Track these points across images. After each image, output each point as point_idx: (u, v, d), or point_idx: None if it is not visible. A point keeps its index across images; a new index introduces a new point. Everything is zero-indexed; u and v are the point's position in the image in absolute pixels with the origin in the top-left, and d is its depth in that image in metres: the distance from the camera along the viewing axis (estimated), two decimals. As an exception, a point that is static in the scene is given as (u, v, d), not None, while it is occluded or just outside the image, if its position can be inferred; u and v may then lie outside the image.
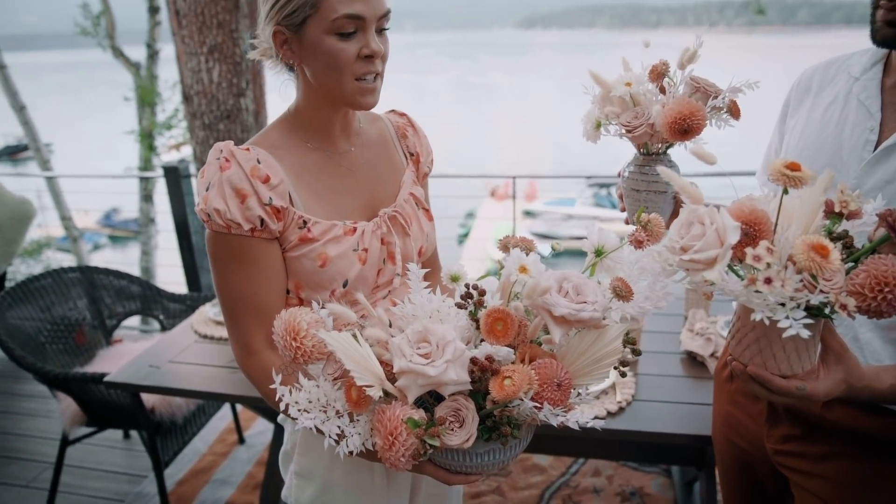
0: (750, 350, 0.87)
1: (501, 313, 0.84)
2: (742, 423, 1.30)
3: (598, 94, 1.20)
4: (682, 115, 1.05)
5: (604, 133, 1.20)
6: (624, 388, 1.70)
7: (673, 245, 0.79)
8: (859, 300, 0.72)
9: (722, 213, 0.76)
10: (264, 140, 1.14)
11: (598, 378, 0.89)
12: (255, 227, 1.07)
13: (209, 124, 3.77)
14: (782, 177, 0.77)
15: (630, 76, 1.17)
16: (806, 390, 0.85)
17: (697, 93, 1.14)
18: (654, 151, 1.20)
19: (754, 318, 0.75)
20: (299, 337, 0.87)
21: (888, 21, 0.96)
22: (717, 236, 0.75)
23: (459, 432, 0.82)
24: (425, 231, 1.27)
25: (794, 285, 0.72)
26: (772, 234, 0.77)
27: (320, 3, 1.02)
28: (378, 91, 1.11)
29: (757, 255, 0.73)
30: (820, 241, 0.73)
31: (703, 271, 0.75)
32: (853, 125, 1.08)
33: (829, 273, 0.72)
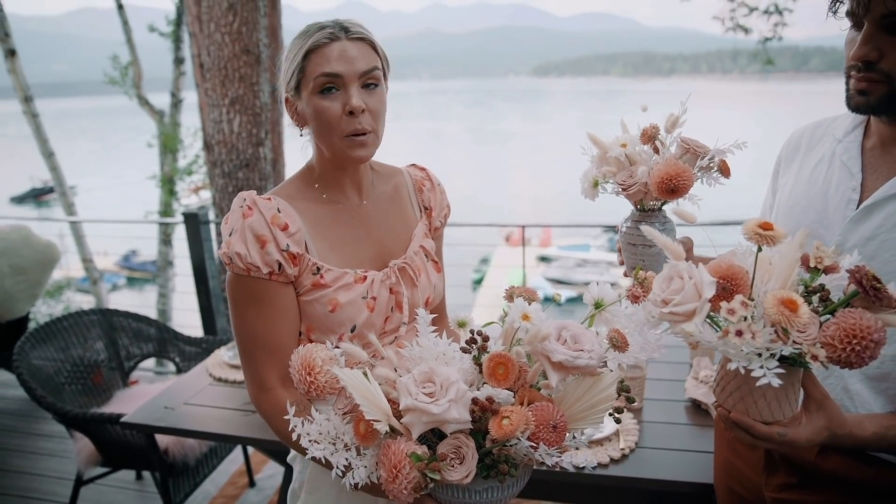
0: (733, 397, 0.91)
1: (503, 358, 0.90)
2: (741, 470, 1.32)
3: (596, 155, 1.27)
4: (668, 176, 1.12)
5: (601, 191, 1.27)
6: (628, 434, 1.72)
7: (655, 298, 0.84)
8: (830, 351, 0.77)
9: (700, 269, 0.81)
10: (284, 191, 1.23)
11: (594, 423, 0.93)
12: (272, 271, 1.15)
13: (229, 172, 3.89)
14: (755, 235, 0.83)
15: (626, 137, 1.24)
16: (787, 436, 0.89)
17: (688, 153, 1.20)
18: (649, 208, 1.26)
19: (730, 367, 0.80)
20: (314, 372, 0.93)
21: (859, 90, 1.03)
22: (695, 290, 0.80)
23: (459, 468, 0.87)
24: (433, 282, 1.34)
25: (766, 337, 0.77)
26: (748, 289, 0.82)
27: (306, 67, 1.14)
28: (370, 144, 1.18)
29: (731, 309, 0.79)
30: (789, 296, 0.78)
31: (682, 323, 0.80)
32: (837, 185, 1.14)
33: (799, 325, 0.76)
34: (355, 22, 1.17)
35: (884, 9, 0.95)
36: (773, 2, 8.91)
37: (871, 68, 1.00)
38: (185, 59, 8.72)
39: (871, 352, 0.76)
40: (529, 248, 22.73)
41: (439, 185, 1.43)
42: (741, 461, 1.32)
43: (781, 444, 0.90)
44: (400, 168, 1.41)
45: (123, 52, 9.28)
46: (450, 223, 1.52)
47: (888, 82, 0.99)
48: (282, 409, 1.15)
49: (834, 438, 0.94)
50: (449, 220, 1.48)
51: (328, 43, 1.13)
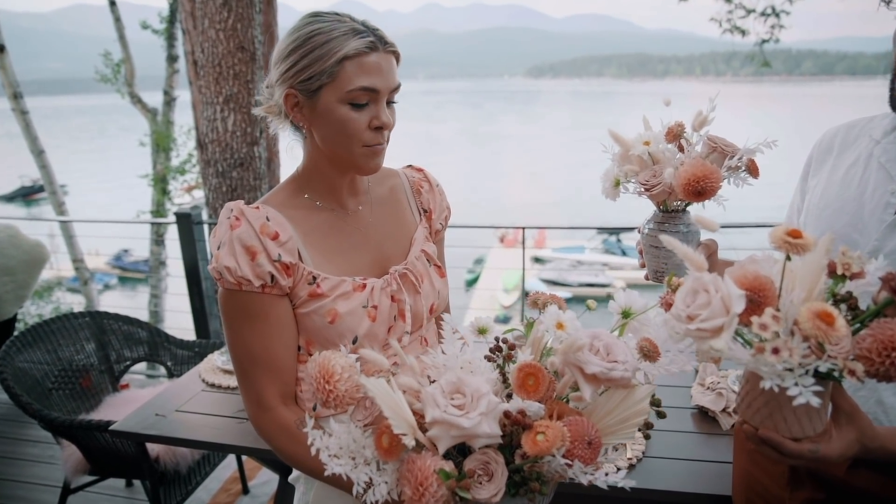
0: (760, 414, 0.86)
1: (534, 368, 0.84)
2: (763, 483, 1.27)
3: (618, 153, 1.21)
4: (696, 178, 1.07)
5: (623, 191, 1.21)
6: (634, 444, 1.67)
7: (679, 313, 0.79)
8: (867, 364, 0.72)
9: (726, 281, 0.76)
10: (274, 199, 1.17)
11: (625, 439, 0.90)
12: (265, 284, 1.09)
13: (222, 172, 3.81)
14: (784, 244, 0.78)
15: (649, 135, 1.18)
16: (819, 452, 0.85)
17: (714, 152, 1.14)
18: (672, 209, 1.20)
19: (763, 385, 0.74)
20: (333, 380, 0.87)
21: None
22: (722, 305, 0.75)
23: (488, 486, 0.81)
24: (436, 288, 1.28)
25: (802, 353, 0.73)
26: (776, 300, 0.77)
27: (338, 73, 1.06)
28: (383, 154, 1.15)
29: (763, 324, 0.73)
30: (825, 309, 0.73)
31: (710, 340, 0.75)
32: (874, 187, 1.09)
33: (835, 339, 0.72)
34: (381, 29, 1.12)
35: None
36: (771, 4, 8.92)
37: None
38: (178, 56, 8.63)
39: None
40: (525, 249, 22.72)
41: (438, 187, 1.37)
42: (763, 474, 1.27)
43: (812, 460, 0.85)
44: (396, 170, 1.35)
45: (116, 49, 9.17)
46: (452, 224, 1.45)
47: None
48: (285, 429, 1.09)
49: (866, 452, 0.90)
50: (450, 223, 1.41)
51: (367, 53, 1.06)
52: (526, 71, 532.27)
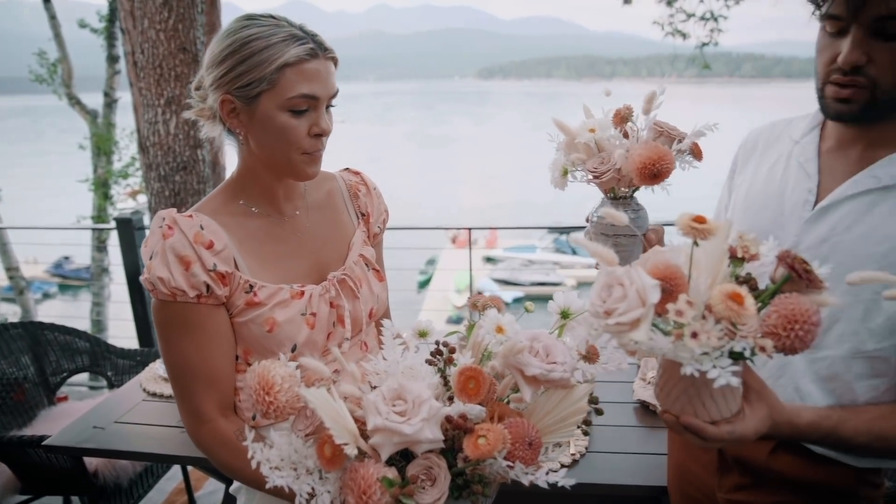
0: (679, 401, 0.88)
1: (474, 372, 0.84)
2: (695, 472, 1.32)
3: (563, 141, 1.21)
4: (651, 160, 1.09)
5: (570, 179, 1.21)
6: (577, 440, 1.70)
7: (596, 310, 0.80)
8: (774, 340, 0.75)
9: (639, 273, 0.77)
10: (208, 206, 1.15)
11: (564, 437, 0.91)
12: (200, 294, 1.07)
13: (165, 175, 3.71)
14: (691, 230, 0.81)
15: (593, 122, 1.19)
16: (736, 432, 0.88)
17: (661, 136, 1.16)
18: (621, 195, 1.21)
19: (684, 372, 0.76)
20: (273, 391, 0.85)
21: (840, 98, 1.01)
22: (638, 296, 0.76)
23: (431, 491, 0.81)
24: (375, 292, 1.28)
25: (718, 335, 0.75)
26: (687, 287, 0.79)
27: (278, 80, 1.04)
28: (321, 161, 1.15)
29: (679, 311, 0.75)
30: (735, 290, 0.76)
31: (629, 333, 0.76)
32: (794, 185, 1.14)
33: (746, 318, 0.75)
34: (319, 35, 1.11)
35: (878, 11, 0.93)
36: (709, 9, 9.21)
37: (858, 73, 0.98)
38: (119, 57, 8.35)
39: (812, 335, 0.75)
40: (475, 250, 22.85)
41: (375, 190, 1.37)
42: (695, 463, 1.32)
43: (732, 441, 0.88)
44: (332, 173, 1.34)
45: (52, 48, 8.81)
46: (396, 226, 1.45)
47: (872, 89, 0.98)
48: (225, 441, 1.07)
49: (776, 426, 0.94)
50: (396, 224, 1.40)
51: (308, 60, 1.05)
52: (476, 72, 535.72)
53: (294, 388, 0.84)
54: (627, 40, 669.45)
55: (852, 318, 1.04)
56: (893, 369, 1.06)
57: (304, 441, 0.86)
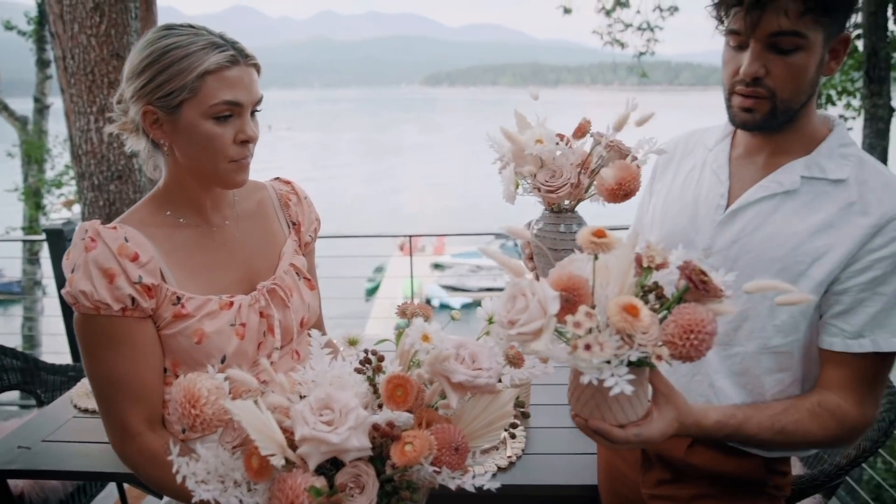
0: (588, 406, 0.93)
1: (402, 379, 0.86)
2: (621, 470, 1.38)
3: (510, 150, 1.21)
4: (624, 180, 1.12)
5: (520, 193, 1.22)
6: (514, 442, 1.73)
7: (501, 319, 0.83)
8: (672, 348, 0.80)
9: (542, 284, 0.81)
10: (133, 217, 1.14)
11: (491, 441, 0.91)
12: (125, 307, 1.05)
13: (99, 185, 3.60)
14: (591, 245, 0.84)
15: (540, 132, 1.19)
16: (643, 435, 0.92)
17: (612, 151, 1.19)
18: (564, 209, 1.23)
19: (583, 380, 0.80)
20: (199, 404, 0.85)
21: (744, 108, 1.08)
22: (539, 307, 0.79)
23: (360, 498, 0.82)
24: (307, 301, 1.28)
25: (613, 346, 0.78)
26: (590, 298, 0.83)
27: (199, 88, 1.04)
28: (249, 168, 1.15)
29: (577, 322, 0.79)
30: (630, 302, 0.79)
31: (532, 342, 0.79)
32: (707, 191, 1.22)
33: (642, 329, 0.78)
34: (240, 42, 1.11)
35: (772, 28, 1.00)
36: (646, 19, 9.52)
37: (758, 84, 1.05)
38: (50, 61, 8.05)
39: (706, 343, 0.79)
40: (423, 256, 22.88)
41: (306, 199, 1.38)
42: (621, 461, 1.38)
43: (638, 443, 0.93)
44: (263, 182, 1.35)
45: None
46: (338, 234, 1.46)
47: (772, 99, 1.06)
48: (152, 456, 1.05)
49: (683, 428, 0.99)
50: (342, 232, 1.41)
51: (229, 67, 1.05)
52: (423, 79, 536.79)
53: (220, 400, 0.84)
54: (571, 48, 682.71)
55: (759, 316, 1.11)
56: (797, 363, 1.14)
57: (231, 453, 0.86)
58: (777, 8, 0.98)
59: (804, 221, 1.09)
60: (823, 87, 7.94)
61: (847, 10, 1.02)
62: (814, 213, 1.09)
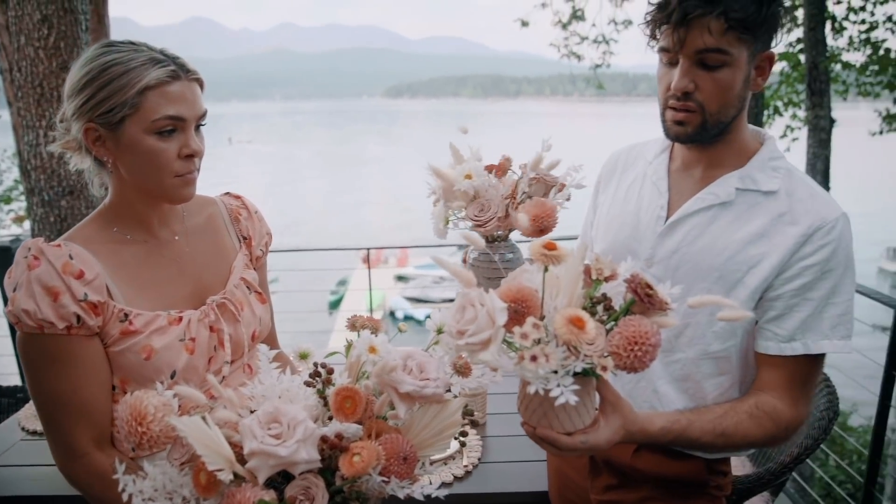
0: (536, 414, 0.95)
1: (350, 391, 0.87)
2: (570, 477, 1.41)
3: (439, 186, 1.25)
4: (538, 217, 1.17)
5: (451, 227, 1.26)
6: (471, 451, 1.75)
7: (451, 329, 0.85)
8: (617, 359, 0.83)
9: (491, 295, 0.83)
10: (79, 234, 1.13)
11: (441, 449, 0.94)
12: (71, 325, 1.04)
13: (49, 201, 3.51)
14: (541, 256, 0.87)
15: (469, 167, 1.24)
16: (589, 442, 0.95)
17: (538, 183, 1.23)
18: (497, 237, 1.27)
19: (529, 390, 0.83)
20: (146, 422, 0.85)
21: (677, 121, 1.14)
22: (488, 318, 0.82)
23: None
24: (258, 315, 1.29)
25: (559, 357, 0.81)
26: (539, 309, 0.86)
27: (140, 103, 1.04)
28: (196, 183, 1.15)
29: (524, 333, 0.81)
30: (576, 314, 0.82)
31: (480, 353, 0.82)
32: (648, 202, 1.26)
33: (587, 340, 0.81)
34: (181, 57, 1.12)
35: (698, 45, 1.06)
36: (601, 33, 9.74)
37: (688, 98, 1.11)
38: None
39: (650, 355, 0.83)
40: (387, 268, 22.84)
41: (257, 213, 1.38)
42: (570, 468, 1.41)
43: (585, 450, 0.96)
44: (212, 198, 1.35)
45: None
46: (298, 248, 1.46)
47: (702, 112, 1.11)
48: (101, 475, 1.04)
49: (629, 435, 1.02)
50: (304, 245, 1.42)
51: (170, 82, 1.06)
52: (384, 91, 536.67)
53: (168, 417, 0.84)
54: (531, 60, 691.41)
55: (699, 324, 1.16)
56: (735, 367, 1.19)
57: (179, 470, 0.86)
58: (701, 26, 1.04)
59: (739, 231, 1.14)
60: (770, 99, 8.23)
61: (770, 30, 1.08)
62: (748, 223, 1.14)
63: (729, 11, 1.02)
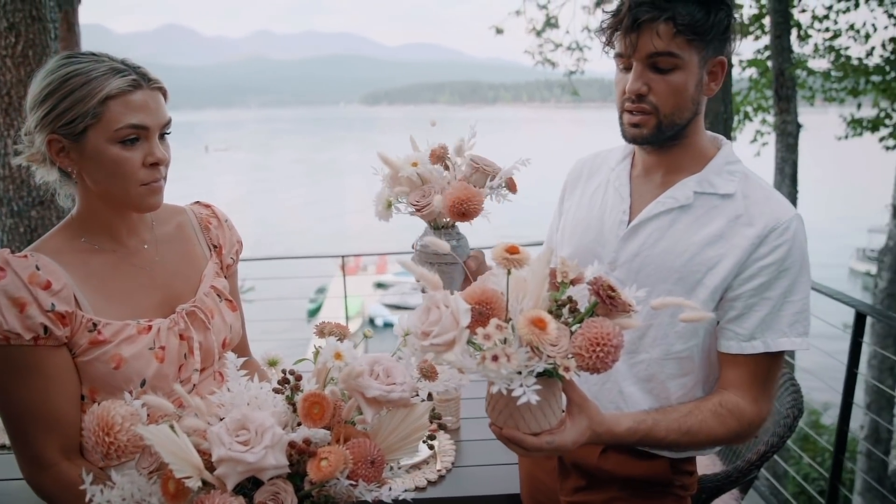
0: (503, 415, 0.97)
1: (318, 397, 0.88)
2: (541, 479, 1.43)
3: (388, 174, 1.27)
4: (459, 200, 1.18)
5: (395, 211, 1.28)
6: (444, 455, 1.76)
7: (416, 331, 0.87)
8: (580, 360, 0.85)
9: (456, 297, 0.85)
10: (46, 245, 1.13)
11: (409, 452, 0.95)
12: (38, 336, 1.04)
13: (19, 211, 3.47)
14: (503, 260, 0.88)
15: (416, 156, 1.27)
16: (555, 443, 0.97)
17: (477, 172, 1.26)
18: (443, 225, 1.29)
19: (492, 390, 0.84)
20: (113, 432, 0.86)
21: (632, 124, 1.18)
22: (452, 319, 0.84)
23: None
24: (228, 322, 1.30)
25: (522, 358, 0.83)
26: (504, 311, 0.87)
27: (102, 113, 1.05)
28: (163, 191, 1.16)
29: (487, 334, 0.83)
30: (539, 316, 0.84)
31: (445, 353, 0.83)
32: (611, 208, 1.30)
33: (550, 341, 0.83)
34: (143, 67, 1.13)
35: (649, 49, 1.11)
36: (575, 40, 9.85)
37: (643, 100, 1.15)
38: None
39: (612, 356, 0.85)
40: (366, 276, 22.76)
41: (227, 222, 1.39)
42: (540, 470, 1.43)
43: (551, 450, 0.98)
44: (182, 207, 1.36)
45: None
46: (271, 256, 1.47)
47: (656, 114, 1.15)
48: (69, 486, 1.04)
49: (596, 436, 1.04)
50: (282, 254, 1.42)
51: (132, 91, 1.07)
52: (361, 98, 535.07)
53: (136, 426, 0.85)
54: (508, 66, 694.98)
55: (662, 324, 1.19)
56: (698, 367, 1.22)
57: (147, 479, 0.87)
58: (651, 30, 1.09)
59: (698, 234, 1.18)
60: (740, 105, 8.39)
61: (719, 36, 1.13)
62: (706, 225, 1.18)
63: (677, 16, 1.07)
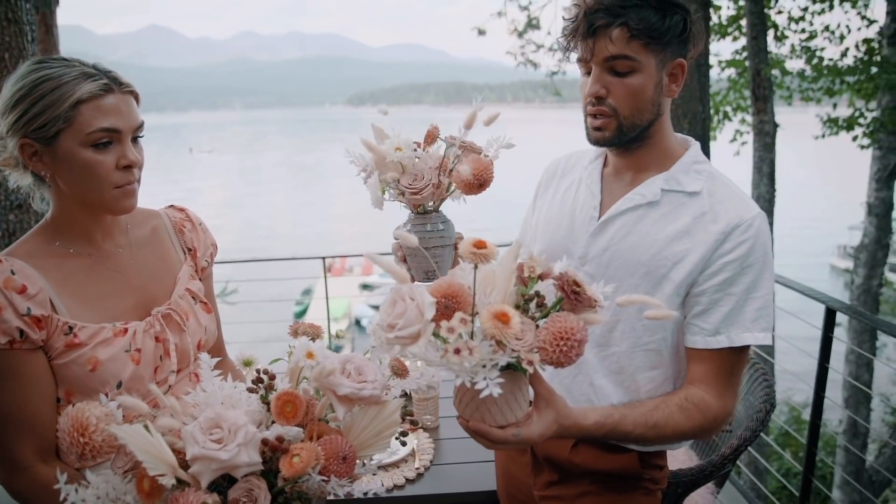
0: (469, 407, 0.99)
1: (290, 395, 0.90)
2: (515, 475, 1.45)
3: (372, 160, 1.28)
4: (478, 171, 1.21)
5: (386, 198, 1.29)
6: (423, 454, 1.78)
7: (382, 323, 0.88)
8: (543, 354, 0.87)
9: (421, 290, 0.87)
10: (20, 250, 1.14)
11: (381, 448, 0.97)
12: (14, 340, 1.06)
13: (-3, 215, 3.44)
14: (471, 255, 0.89)
15: (399, 141, 1.27)
16: (521, 435, 0.99)
17: (465, 151, 1.28)
18: (428, 210, 1.31)
19: (456, 382, 0.86)
20: (87, 432, 0.87)
21: (595, 127, 1.22)
22: (418, 312, 0.85)
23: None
24: (203, 324, 1.31)
25: (485, 351, 0.85)
26: (470, 305, 0.89)
27: (74, 117, 1.06)
28: (136, 194, 1.17)
29: (450, 328, 0.85)
30: (502, 310, 0.85)
31: (410, 346, 0.85)
32: (583, 204, 1.33)
33: (514, 335, 0.84)
34: (114, 71, 1.14)
35: (605, 53, 1.15)
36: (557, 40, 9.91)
37: (602, 103, 1.19)
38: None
39: (576, 350, 0.87)
40: (352, 277, 22.75)
41: (201, 225, 1.41)
42: (515, 466, 1.45)
43: (517, 443, 0.99)
44: (156, 210, 1.38)
45: None
46: (256, 258, 1.48)
47: (616, 116, 1.19)
48: (44, 487, 1.06)
49: (563, 430, 1.06)
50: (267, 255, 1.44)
51: (103, 95, 1.08)
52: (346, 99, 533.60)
53: (110, 426, 0.86)
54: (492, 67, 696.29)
55: (630, 318, 1.23)
56: (667, 362, 1.25)
57: (122, 478, 0.88)
58: (606, 35, 1.13)
59: (665, 229, 1.21)
60: (719, 105, 8.49)
61: (676, 39, 1.16)
62: (673, 222, 1.21)
63: (630, 21, 1.11)
